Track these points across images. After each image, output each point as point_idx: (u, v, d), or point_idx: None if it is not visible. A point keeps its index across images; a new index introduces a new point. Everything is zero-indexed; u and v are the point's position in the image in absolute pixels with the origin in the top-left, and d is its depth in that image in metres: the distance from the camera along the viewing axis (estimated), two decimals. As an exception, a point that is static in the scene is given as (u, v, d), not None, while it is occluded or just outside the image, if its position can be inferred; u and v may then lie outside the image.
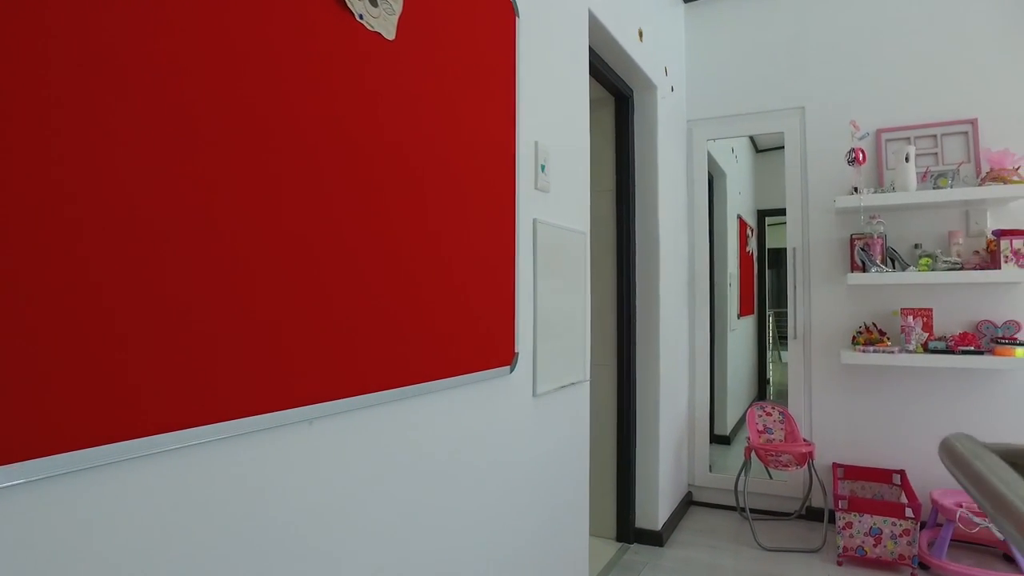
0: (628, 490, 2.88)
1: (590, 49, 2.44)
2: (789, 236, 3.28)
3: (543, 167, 1.71)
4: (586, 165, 2.08)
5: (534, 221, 1.67)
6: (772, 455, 2.91)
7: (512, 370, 1.52)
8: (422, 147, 1.19)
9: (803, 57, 3.28)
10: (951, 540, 2.77)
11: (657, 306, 2.90)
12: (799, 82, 3.28)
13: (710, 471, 3.46)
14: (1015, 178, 2.71)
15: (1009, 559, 2.68)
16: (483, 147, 1.39)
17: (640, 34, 2.74)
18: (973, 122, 2.94)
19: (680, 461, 3.31)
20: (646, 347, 2.92)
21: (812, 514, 3.17)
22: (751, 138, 5.62)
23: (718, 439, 4.61)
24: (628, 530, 2.89)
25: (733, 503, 3.36)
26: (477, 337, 1.36)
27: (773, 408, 3.22)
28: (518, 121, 1.57)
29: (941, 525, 2.83)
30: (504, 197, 1.48)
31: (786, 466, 2.91)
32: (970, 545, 2.85)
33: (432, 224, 1.21)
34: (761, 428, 3.20)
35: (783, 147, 3.35)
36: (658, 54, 3.00)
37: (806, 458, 2.90)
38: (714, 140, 3.75)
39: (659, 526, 2.90)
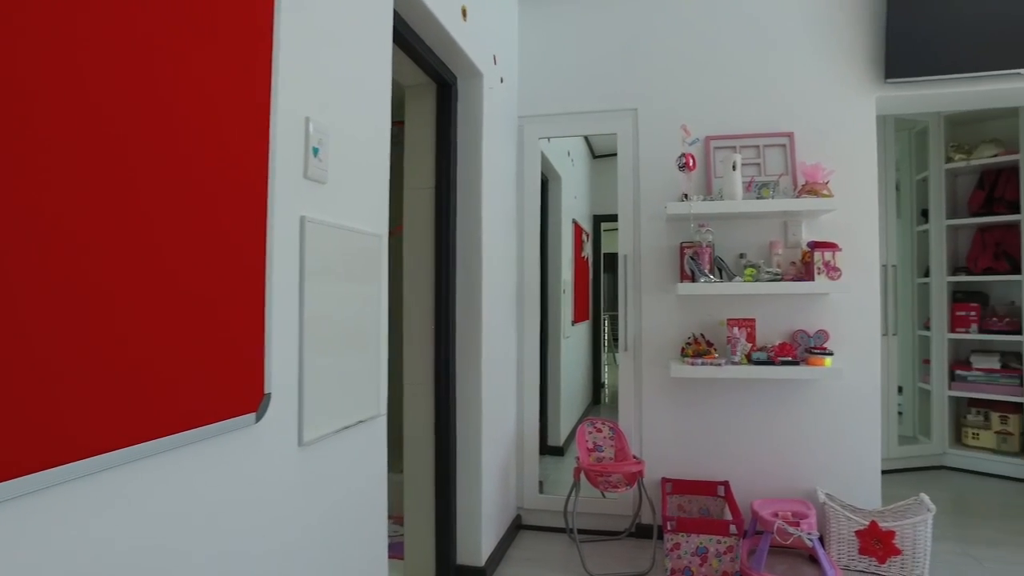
0: (448, 524, 2.57)
1: (403, 21, 2.09)
2: (621, 243, 3.15)
3: (316, 151, 1.33)
4: (384, 155, 1.73)
5: (302, 219, 1.28)
6: (602, 476, 2.73)
7: (260, 417, 1.13)
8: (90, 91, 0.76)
9: (637, 58, 3.17)
10: (771, 545, 2.76)
11: (479, 316, 2.61)
12: (633, 83, 3.17)
13: (540, 492, 3.25)
14: (825, 192, 2.76)
15: (813, 560, 2.71)
16: (207, 109, 0.99)
17: (464, 12, 2.44)
18: (790, 136, 2.98)
19: (508, 484, 3.06)
20: (467, 362, 2.62)
21: (642, 531, 3.06)
22: (588, 143, 5.59)
23: (551, 450, 4.46)
24: (449, 568, 2.57)
25: (564, 525, 3.17)
26: (196, 380, 0.96)
27: (603, 424, 3.06)
28: (276, 87, 1.18)
29: (761, 532, 2.82)
30: (247, 184, 1.08)
31: (616, 487, 2.75)
32: (783, 550, 2.87)
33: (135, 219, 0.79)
34: (591, 446, 3.03)
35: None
36: (486, 39, 2.72)
37: (636, 477, 2.77)
38: (548, 140, 3.55)
39: (483, 561, 2.62)
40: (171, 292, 0.92)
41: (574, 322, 4.96)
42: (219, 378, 1.01)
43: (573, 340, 5.03)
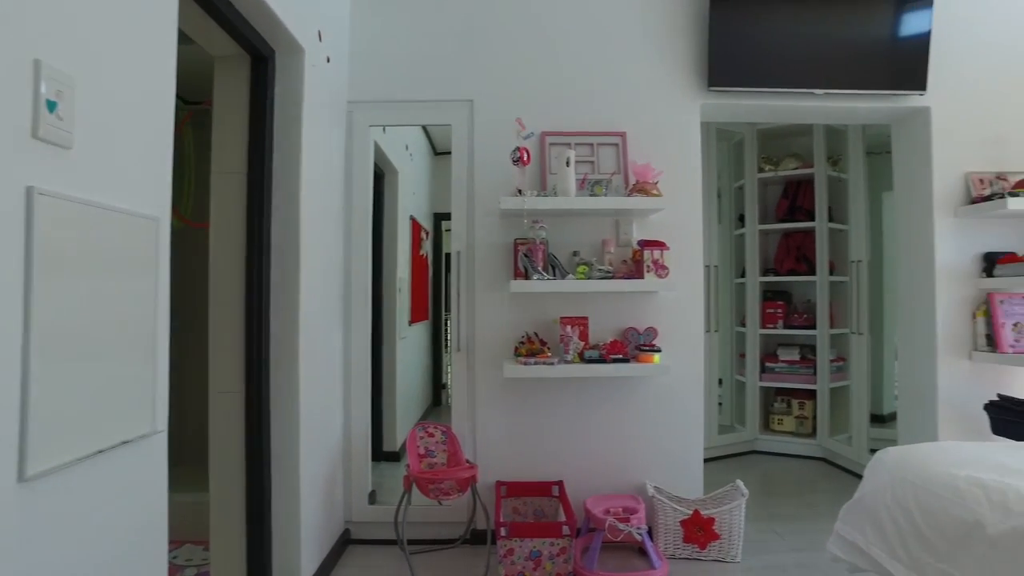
0: (263, 546, 2.29)
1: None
2: (454, 238, 3.03)
3: (52, 105, 1.04)
4: (166, 122, 1.45)
5: (30, 191, 1.00)
6: (433, 484, 2.59)
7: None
8: None
9: (475, 48, 3.07)
10: (603, 542, 2.76)
11: (297, 316, 2.36)
12: (469, 74, 3.06)
13: (373, 502, 3.04)
14: (655, 192, 2.83)
15: (643, 552, 2.75)
16: None
17: (280, -23, 2.18)
18: (623, 135, 3.03)
19: (333, 496, 2.82)
20: (283, 366, 2.35)
21: (477, 537, 2.95)
22: (430, 139, 5.43)
23: (387, 456, 4.25)
24: (262, 598, 2.29)
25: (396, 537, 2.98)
26: None
27: (436, 428, 2.92)
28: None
29: (594, 530, 2.82)
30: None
31: (448, 494, 2.62)
32: (616, 545, 2.88)
33: None
34: (423, 452, 2.88)
35: (459, 148, 3.09)
36: (309, 12, 2.47)
37: (469, 482, 2.66)
38: (383, 130, 3.36)
39: (302, 586, 2.37)
40: None
41: (411, 322, 4.78)
42: None
43: (411, 340, 4.85)
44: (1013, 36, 3.25)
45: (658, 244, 2.80)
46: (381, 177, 4.17)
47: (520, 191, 2.75)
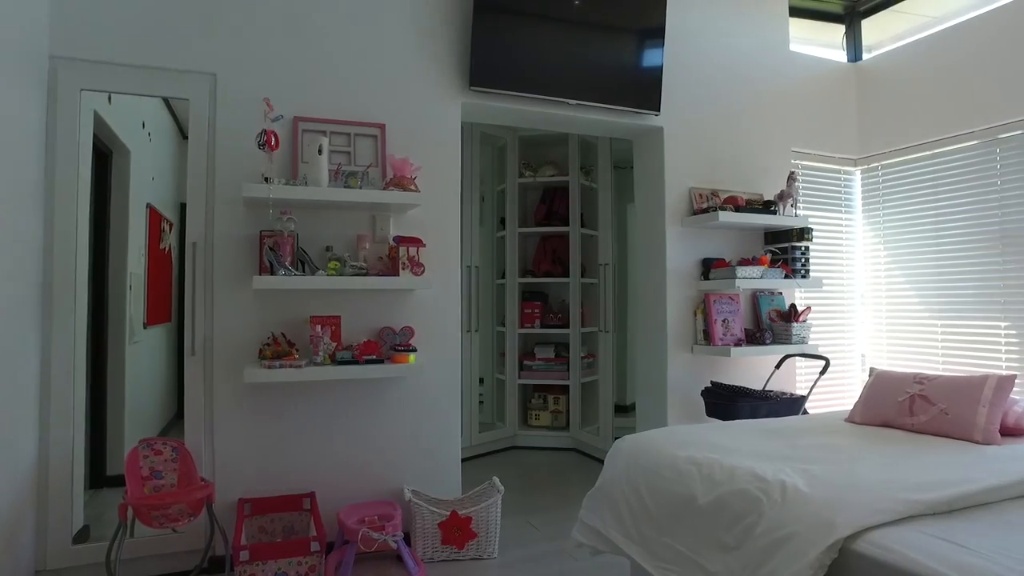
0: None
1: None
2: (189, 229, 2.68)
3: None
4: None
5: None
6: (157, 511, 2.24)
7: None
8: None
9: (220, 14, 2.73)
10: (357, 554, 2.62)
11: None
12: (213, 43, 2.72)
13: (85, 539, 2.56)
14: (412, 187, 2.77)
15: (400, 559, 2.66)
16: None
17: None
18: (382, 127, 2.93)
19: (17, 545, 2.30)
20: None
21: (216, 565, 2.63)
22: (176, 120, 4.79)
23: (114, 481, 3.65)
24: None
25: (111, 576, 2.53)
26: None
27: (165, 445, 2.55)
28: None
29: (348, 542, 2.67)
30: None
31: (177, 520, 2.29)
32: (372, 555, 2.76)
33: None
34: (147, 473, 2.49)
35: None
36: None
37: (202, 504, 2.35)
38: (109, 100, 2.84)
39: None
40: None
41: (148, 324, 4.18)
42: None
43: (147, 345, 4.22)
44: (730, 73, 3.77)
45: (414, 241, 2.75)
46: (107, 156, 3.57)
47: (267, 178, 2.51)
